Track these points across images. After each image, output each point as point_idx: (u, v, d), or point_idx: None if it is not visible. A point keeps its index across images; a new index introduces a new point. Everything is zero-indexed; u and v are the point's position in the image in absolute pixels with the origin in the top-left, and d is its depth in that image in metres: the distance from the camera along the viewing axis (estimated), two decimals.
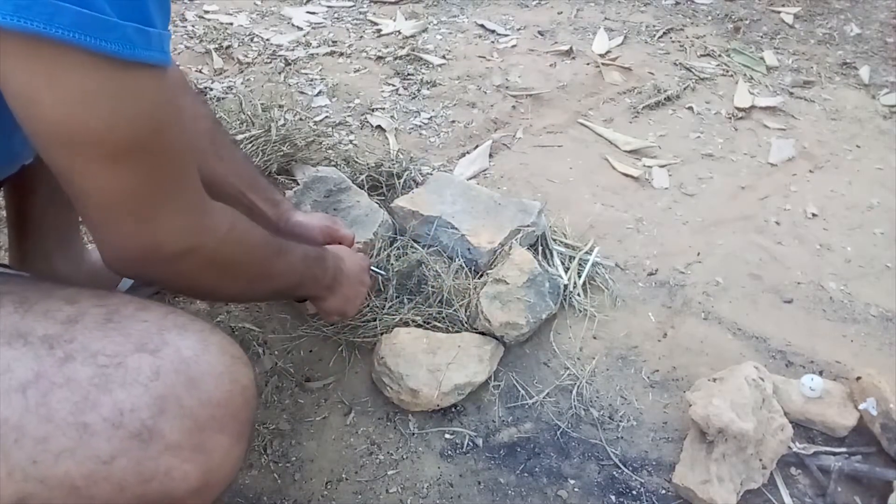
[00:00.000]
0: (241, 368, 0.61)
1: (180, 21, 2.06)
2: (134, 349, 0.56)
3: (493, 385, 1.10)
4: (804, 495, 0.99)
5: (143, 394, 0.54)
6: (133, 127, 0.53)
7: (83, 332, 0.56)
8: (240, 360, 0.61)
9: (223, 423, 0.57)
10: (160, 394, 0.54)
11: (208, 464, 0.56)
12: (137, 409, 0.53)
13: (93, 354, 0.54)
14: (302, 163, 1.49)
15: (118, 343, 0.56)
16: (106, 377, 0.54)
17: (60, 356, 0.54)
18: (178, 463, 0.54)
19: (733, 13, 2.31)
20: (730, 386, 1.01)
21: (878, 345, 1.21)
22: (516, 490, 0.98)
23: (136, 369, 0.54)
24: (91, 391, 0.53)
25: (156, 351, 0.56)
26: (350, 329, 1.15)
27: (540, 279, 1.17)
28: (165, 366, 0.55)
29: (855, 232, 1.46)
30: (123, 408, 0.53)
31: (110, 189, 0.56)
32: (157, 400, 0.54)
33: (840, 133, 1.77)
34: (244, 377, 0.61)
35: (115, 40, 0.49)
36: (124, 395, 0.53)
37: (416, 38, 2.07)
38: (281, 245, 0.79)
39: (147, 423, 0.53)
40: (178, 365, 0.56)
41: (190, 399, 0.55)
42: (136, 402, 0.53)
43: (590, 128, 1.73)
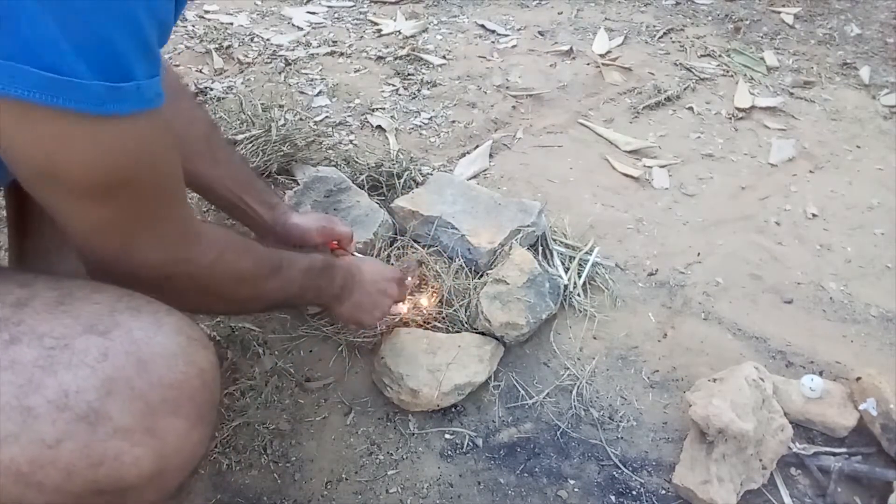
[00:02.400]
0: (198, 350, 0.59)
1: (180, 21, 2.06)
2: (82, 331, 0.54)
3: (493, 385, 1.10)
4: (804, 496, 0.99)
5: (89, 375, 0.52)
6: (109, 171, 0.53)
7: (32, 315, 0.55)
8: (197, 341, 0.59)
9: (177, 405, 0.56)
10: (108, 375, 0.53)
11: (162, 448, 0.55)
12: (83, 390, 0.52)
13: (39, 336, 0.53)
14: (302, 163, 1.49)
15: (67, 325, 0.54)
16: (51, 359, 0.52)
17: (6, 338, 0.53)
18: (128, 447, 0.53)
19: (734, 13, 2.31)
20: (730, 386, 1.01)
21: (878, 345, 1.21)
22: (516, 490, 0.98)
23: (84, 351, 0.53)
24: (35, 373, 0.52)
25: (105, 332, 0.55)
26: (350, 329, 1.15)
27: (540, 279, 1.17)
28: (115, 347, 0.54)
29: (855, 232, 1.46)
30: (69, 389, 0.52)
31: (88, 220, 0.56)
32: (104, 381, 0.52)
33: (840, 133, 1.77)
34: (202, 359, 0.59)
35: (82, 100, 0.48)
36: (70, 377, 0.52)
37: (416, 39, 2.07)
38: (279, 262, 0.79)
39: (94, 404, 0.52)
40: (129, 346, 0.54)
41: (140, 381, 0.54)
42: (81, 383, 0.52)
43: (590, 128, 1.73)
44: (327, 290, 0.90)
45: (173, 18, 0.58)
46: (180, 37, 1.97)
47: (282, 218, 1.06)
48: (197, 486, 0.96)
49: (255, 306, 0.80)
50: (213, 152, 0.98)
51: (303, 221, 1.07)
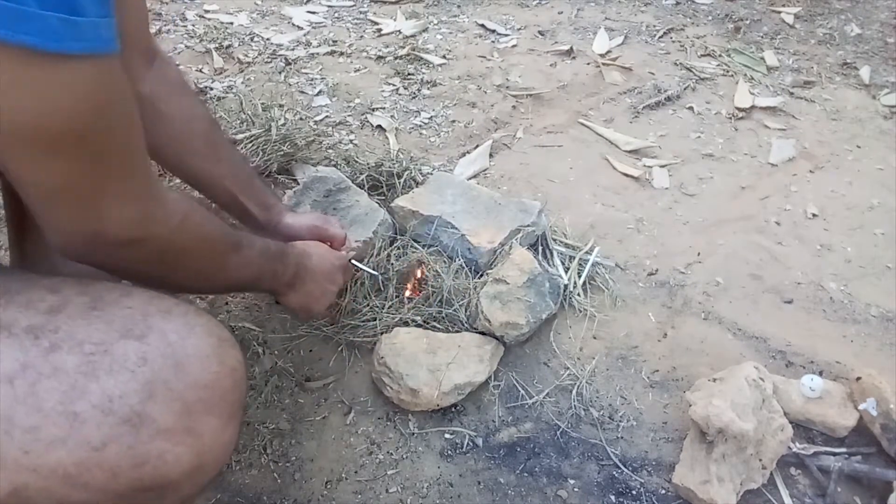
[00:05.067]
0: (228, 350, 0.61)
1: (180, 20, 2.06)
2: (119, 336, 0.56)
3: (493, 385, 1.10)
4: (804, 495, 0.99)
5: (131, 380, 0.54)
6: (67, 118, 0.51)
7: (67, 321, 0.56)
8: (226, 341, 0.61)
9: (212, 404, 0.58)
10: (148, 379, 0.55)
11: (200, 445, 0.57)
12: (126, 394, 0.54)
13: (79, 343, 0.55)
14: (302, 162, 1.49)
15: (103, 331, 0.56)
16: (93, 365, 0.54)
17: (46, 346, 0.54)
18: (170, 446, 0.55)
19: (734, 13, 2.31)
20: (730, 386, 1.01)
21: (878, 345, 1.21)
22: (516, 490, 0.98)
23: (123, 356, 0.55)
24: (79, 379, 0.53)
25: (141, 336, 0.56)
26: (350, 329, 1.15)
27: (540, 279, 1.17)
28: (152, 351, 0.56)
29: (855, 232, 1.46)
30: (112, 394, 0.53)
31: (50, 179, 0.54)
32: (145, 385, 0.54)
33: (840, 133, 1.77)
34: (232, 358, 0.61)
35: (36, 32, 0.45)
36: (112, 382, 0.54)
37: (416, 38, 2.07)
38: (239, 239, 0.78)
39: (136, 408, 0.54)
40: (165, 349, 0.56)
41: (178, 382, 0.56)
42: (124, 388, 0.54)
43: (590, 128, 1.73)
44: (281, 277, 0.88)
45: None
46: (180, 36, 1.97)
47: (276, 218, 1.06)
48: None
49: (216, 282, 0.78)
50: (214, 150, 0.98)
51: (295, 222, 1.07)
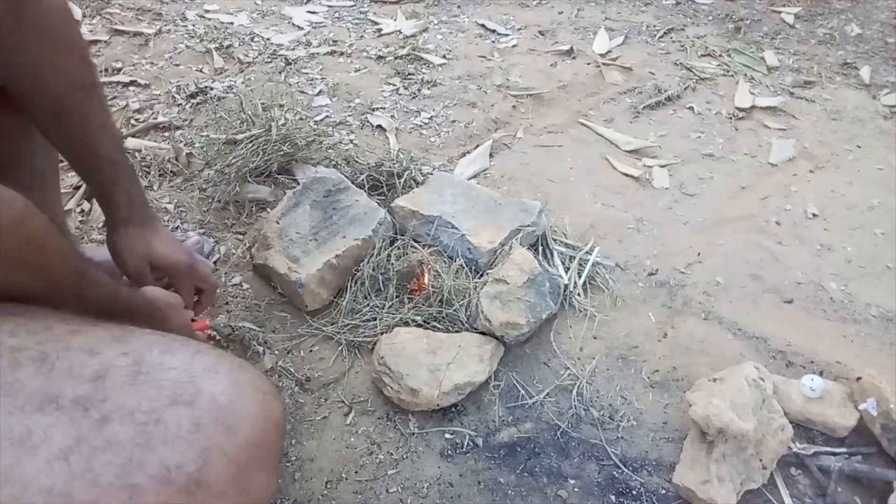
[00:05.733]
0: (273, 403, 0.62)
1: (181, 20, 2.06)
2: (169, 402, 0.56)
3: (493, 385, 1.10)
4: (804, 495, 0.99)
5: (187, 448, 0.55)
6: None
7: (114, 390, 0.56)
8: (270, 394, 0.62)
9: (262, 461, 0.59)
10: (203, 446, 0.55)
11: (250, 500, 0.58)
12: (184, 464, 0.54)
13: (129, 413, 0.55)
14: (302, 162, 1.49)
15: (152, 398, 0.56)
16: (147, 435, 0.54)
17: (97, 418, 0.54)
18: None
19: (734, 13, 2.31)
20: (730, 386, 1.01)
21: (878, 345, 1.21)
22: (516, 490, 0.98)
23: (177, 424, 0.55)
24: (135, 452, 0.54)
25: (191, 402, 0.57)
26: (350, 329, 1.15)
27: (540, 279, 1.17)
28: (204, 417, 0.56)
29: (855, 232, 1.46)
30: (170, 464, 0.54)
31: None
32: (201, 453, 0.55)
33: (841, 133, 1.77)
34: (276, 411, 0.62)
35: None
36: (169, 453, 0.54)
37: (416, 38, 2.07)
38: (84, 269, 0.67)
39: (194, 476, 0.54)
40: (217, 414, 0.57)
41: (231, 446, 0.57)
42: (181, 458, 0.54)
43: (590, 128, 1.73)
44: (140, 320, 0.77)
45: None
46: (181, 36, 1.97)
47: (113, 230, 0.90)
48: None
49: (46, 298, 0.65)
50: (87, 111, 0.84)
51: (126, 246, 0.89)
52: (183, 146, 1.53)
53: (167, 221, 1.35)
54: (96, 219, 1.34)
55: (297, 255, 1.19)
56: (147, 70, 1.81)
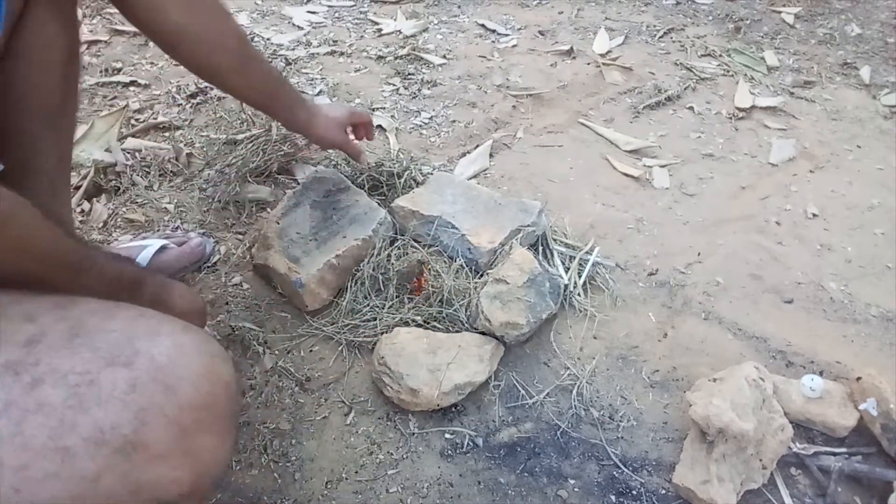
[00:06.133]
0: (220, 365, 0.60)
1: None
2: (105, 364, 0.54)
3: (493, 385, 1.10)
4: (804, 495, 0.99)
5: (122, 409, 0.53)
6: None
7: (48, 353, 0.54)
8: (217, 356, 0.60)
9: (208, 423, 0.57)
10: (140, 406, 0.54)
11: (198, 465, 0.56)
12: (118, 425, 0.53)
13: (63, 375, 0.53)
14: (302, 162, 1.49)
15: (87, 359, 0.54)
16: (80, 397, 0.53)
17: (28, 381, 0.53)
18: (167, 471, 0.54)
19: (734, 13, 2.31)
20: (730, 386, 1.01)
21: (878, 345, 1.21)
22: (516, 490, 0.98)
23: (111, 384, 0.54)
24: (67, 414, 0.52)
25: (129, 363, 0.55)
26: (350, 329, 1.15)
27: (540, 279, 1.17)
28: (141, 377, 0.55)
29: (855, 232, 1.46)
30: (104, 426, 0.52)
31: None
32: (137, 413, 0.53)
33: (841, 133, 1.77)
34: (224, 374, 0.60)
35: None
36: (102, 414, 0.53)
37: (416, 38, 2.07)
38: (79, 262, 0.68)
39: (130, 437, 0.53)
40: (155, 373, 0.55)
41: (171, 406, 0.55)
42: (115, 418, 0.53)
43: (590, 128, 1.73)
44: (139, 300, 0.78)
45: None
46: None
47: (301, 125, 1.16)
48: None
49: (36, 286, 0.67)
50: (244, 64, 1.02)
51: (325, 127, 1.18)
52: (183, 146, 1.53)
53: (167, 221, 1.35)
54: (96, 219, 1.34)
55: (297, 255, 1.19)
56: (147, 70, 1.82)
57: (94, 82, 1.74)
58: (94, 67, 1.80)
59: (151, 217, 1.36)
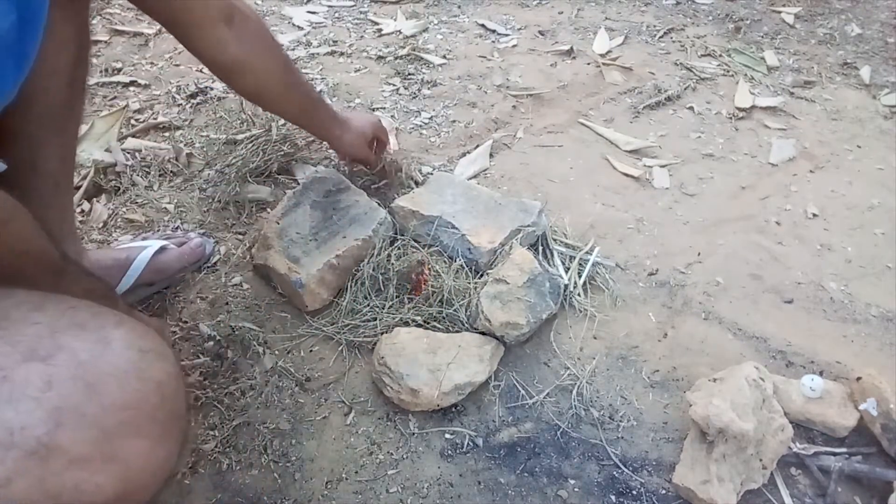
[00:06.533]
0: (152, 363, 0.55)
1: None
2: (22, 359, 0.51)
3: (493, 385, 1.10)
4: (804, 495, 0.99)
5: (34, 408, 0.49)
6: None
7: None
8: (150, 352, 0.56)
9: (137, 426, 0.53)
10: (55, 405, 0.50)
11: (125, 471, 0.52)
12: (29, 426, 0.49)
13: None
14: (302, 162, 1.49)
15: (4, 354, 0.51)
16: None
17: None
18: (86, 476, 0.50)
19: (734, 13, 2.30)
20: (730, 386, 1.01)
21: (878, 345, 1.21)
22: (516, 490, 0.98)
23: (25, 381, 0.50)
24: None
25: (47, 357, 0.51)
26: (350, 329, 1.15)
27: (540, 279, 1.17)
28: (59, 373, 0.51)
29: (856, 232, 1.46)
30: (13, 427, 0.48)
31: None
32: (51, 413, 0.49)
33: (841, 133, 1.77)
34: (157, 372, 0.55)
35: None
36: (12, 413, 0.49)
37: (416, 38, 2.07)
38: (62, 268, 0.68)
39: (43, 439, 0.49)
40: (75, 370, 0.51)
41: (91, 406, 0.51)
42: (26, 418, 0.49)
43: (590, 128, 1.73)
44: None
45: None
46: None
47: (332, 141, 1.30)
48: (197, 485, 0.96)
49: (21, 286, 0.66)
50: (288, 91, 1.12)
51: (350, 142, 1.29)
52: (183, 146, 1.53)
53: (167, 221, 1.35)
54: (96, 219, 1.34)
55: (298, 256, 1.19)
56: (147, 70, 1.82)
57: (94, 82, 1.74)
58: (94, 67, 1.80)
59: (151, 217, 1.36)
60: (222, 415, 1.04)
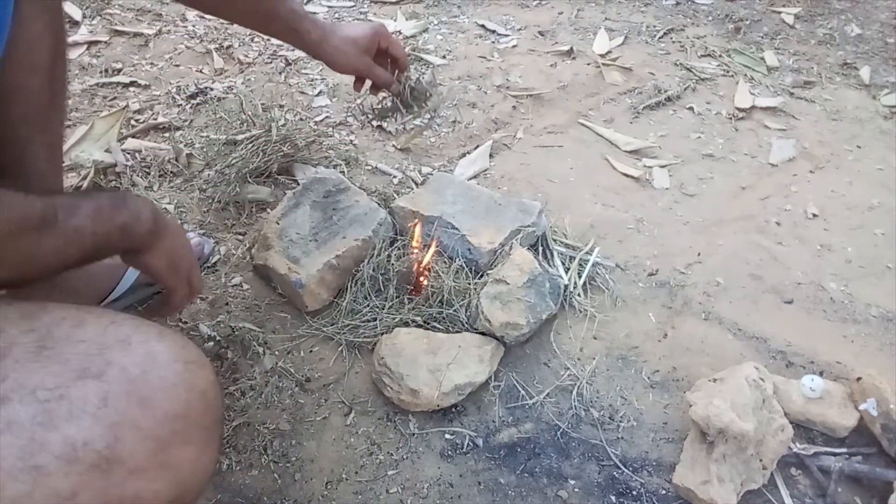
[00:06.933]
0: (196, 372, 0.58)
1: (181, 21, 2.06)
2: (75, 377, 0.53)
3: (493, 385, 1.10)
4: (804, 496, 0.99)
5: (93, 424, 0.51)
6: None
7: (15, 368, 0.52)
8: (193, 363, 0.58)
9: (187, 434, 0.56)
10: (113, 421, 0.52)
11: (178, 478, 0.55)
12: (91, 441, 0.51)
13: (31, 391, 0.52)
14: (302, 163, 1.49)
15: (56, 373, 0.53)
16: (49, 413, 0.51)
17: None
18: (145, 484, 0.53)
19: (734, 13, 2.30)
20: (730, 386, 1.01)
21: (878, 345, 1.21)
22: (516, 490, 0.98)
23: (82, 399, 0.52)
24: (36, 431, 0.50)
25: (100, 375, 0.53)
26: (350, 329, 1.15)
27: (540, 279, 1.17)
28: (113, 389, 0.53)
29: (855, 232, 1.46)
30: (75, 442, 0.51)
31: None
32: (110, 428, 0.52)
33: (840, 133, 1.77)
34: (201, 380, 0.58)
35: None
36: (74, 430, 0.51)
37: (416, 38, 2.07)
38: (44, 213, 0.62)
39: (104, 453, 0.51)
40: (127, 386, 0.53)
41: (146, 419, 0.53)
42: (87, 434, 0.51)
43: (590, 128, 1.73)
44: (136, 228, 0.71)
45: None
46: (181, 37, 1.96)
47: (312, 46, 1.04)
48: None
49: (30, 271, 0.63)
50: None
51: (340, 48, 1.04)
52: (183, 147, 1.53)
53: None
54: None
55: (297, 256, 1.19)
56: (147, 71, 1.81)
57: (94, 83, 1.74)
58: (94, 68, 1.80)
59: None
60: (222, 415, 1.04)
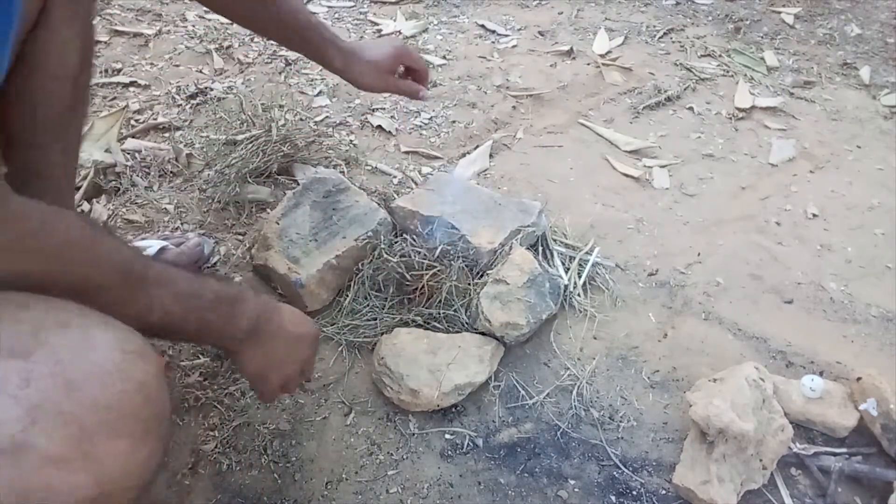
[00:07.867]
0: (136, 363, 0.55)
1: (181, 21, 2.06)
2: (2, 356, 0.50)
3: (493, 385, 1.10)
4: (804, 496, 0.99)
5: (11, 405, 0.48)
6: None
7: None
8: (133, 353, 0.55)
9: (118, 426, 0.52)
10: (32, 403, 0.49)
11: (102, 472, 0.51)
12: (5, 422, 0.48)
13: None
14: (302, 163, 1.49)
15: None
16: None
17: None
18: (62, 475, 0.49)
19: (734, 13, 2.30)
20: (730, 386, 1.01)
21: (878, 345, 1.21)
22: (516, 490, 0.98)
23: (3, 378, 0.49)
24: None
25: (27, 355, 0.50)
26: (350, 329, 1.15)
27: (540, 279, 1.17)
28: (38, 370, 0.50)
29: (855, 232, 1.46)
30: None
31: None
32: (28, 410, 0.49)
33: (840, 133, 1.77)
34: (140, 372, 0.54)
35: None
36: None
37: (416, 39, 2.07)
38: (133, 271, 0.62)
39: (17, 437, 0.48)
40: (54, 368, 0.50)
41: (70, 405, 0.50)
42: (3, 414, 0.48)
43: (590, 128, 1.73)
44: (231, 328, 0.71)
45: None
46: (181, 37, 1.97)
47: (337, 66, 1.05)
48: (197, 486, 0.96)
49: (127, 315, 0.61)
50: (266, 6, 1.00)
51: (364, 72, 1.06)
52: (183, 147, 1.53)
53: (167, 222, 1.35)
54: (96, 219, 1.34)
55: (297, 256, 1.19)
56: (147, 71, 1.81)
57: (94, 83, 1.73)
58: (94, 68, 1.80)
59: (151, 218, 1.36)
60: (222, 415, 1.04)
